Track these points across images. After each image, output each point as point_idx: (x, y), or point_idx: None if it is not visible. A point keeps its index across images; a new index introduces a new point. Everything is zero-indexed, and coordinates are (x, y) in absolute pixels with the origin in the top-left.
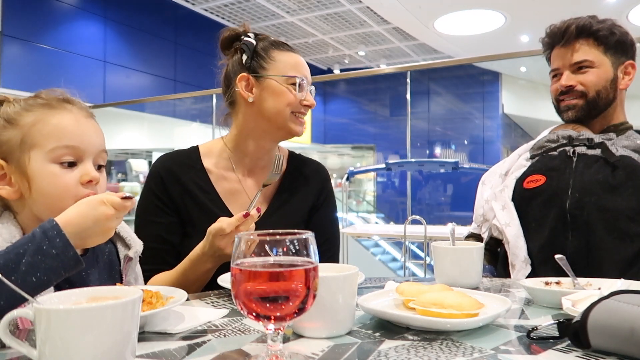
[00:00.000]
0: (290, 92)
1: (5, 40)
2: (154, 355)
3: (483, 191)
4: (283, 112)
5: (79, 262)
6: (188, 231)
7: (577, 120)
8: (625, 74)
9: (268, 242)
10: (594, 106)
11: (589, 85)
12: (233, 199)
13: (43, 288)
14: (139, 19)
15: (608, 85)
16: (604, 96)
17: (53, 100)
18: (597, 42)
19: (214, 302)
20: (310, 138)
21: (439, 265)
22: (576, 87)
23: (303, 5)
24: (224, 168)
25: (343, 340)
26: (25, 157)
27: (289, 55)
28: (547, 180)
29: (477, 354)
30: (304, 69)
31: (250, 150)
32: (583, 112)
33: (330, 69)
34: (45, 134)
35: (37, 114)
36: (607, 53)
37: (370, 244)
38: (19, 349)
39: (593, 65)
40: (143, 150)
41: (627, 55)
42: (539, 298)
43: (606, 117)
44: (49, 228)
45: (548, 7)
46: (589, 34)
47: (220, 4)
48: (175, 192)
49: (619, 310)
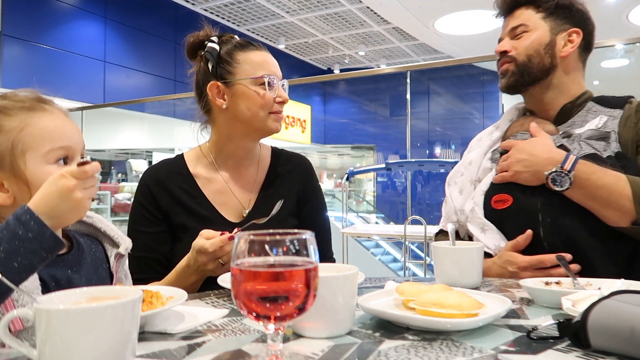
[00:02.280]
0: (264, 94)
1: (5, 40)
2: (154, 355)
3: (451, 193)
4: (257, 114)
5: (58, 242)
6: (179, 236)
7: (511, 87)
8: (568, 41)
9: (268, 242)
10: (526, 71)
11: (520, 48)
12: (221, 200)
13: (27, 273)
14: (139, 19)
15: (542, 50)
16: (537, 61)
17: (29, 102)
18: (537, 8)
19: (214, 302)
20: (310, 138)
21: (439, 265)
22: (510, 53)
23: (303, 5)
24: (210, 172)
25: (343, 340)
26: (20, 162)
27: (254, 54)
28: (514, 202)
29: (477, 354)
30: (272, 65)
31: (232, 152)
32: (515, 77)
33: (330, 69)
34: (37, 137)
35: (20, 118)
36: (547, 19)
37: (370, 244)
38: (19, 349)
39: (528, 30)
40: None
41: (572, 22)
42: (539, 298)
43: (557, 88)
44: (21, 213)
45: None
46: (529, 1)
47: (220, 4)
48: (163, 201)
49: (619, 310)
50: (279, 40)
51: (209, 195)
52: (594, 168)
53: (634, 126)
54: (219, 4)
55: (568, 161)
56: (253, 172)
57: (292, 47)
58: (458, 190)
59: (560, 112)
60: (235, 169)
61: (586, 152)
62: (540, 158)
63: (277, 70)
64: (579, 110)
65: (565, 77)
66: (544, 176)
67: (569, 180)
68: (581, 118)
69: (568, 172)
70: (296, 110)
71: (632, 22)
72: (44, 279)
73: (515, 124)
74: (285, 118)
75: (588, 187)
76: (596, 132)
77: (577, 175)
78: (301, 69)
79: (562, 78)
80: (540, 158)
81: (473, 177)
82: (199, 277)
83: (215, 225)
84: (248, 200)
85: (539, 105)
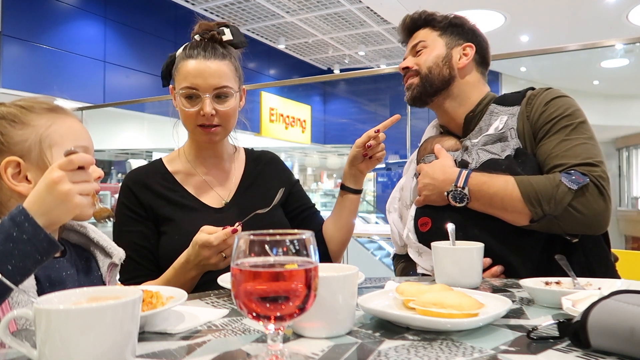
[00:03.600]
0: (182, 109)
1: (5, 40)
2: (154, 355)
3: (393, 220)
4: (187, 126)
5: (53, 244)
6: (164, 229)
7: (416, 99)
8: (463, 54)
9: (268, 242)
10: (428, 82)
11: (421, 63)
12: (202, 191)
13: (22, 276)
14: (139, 19)
15: (440, 62)
16: (437, 72)
17: (51, 105)
18: (433, 28)
19: (214, 302)
20: (310, 138)
21: (439, 265)
22: (412, 68)
23: (303, 5)
24: (187, 169)
25: (343, 340)
26: (48, 154)
27: (185, 64)
28: (433, 223)
29: (477, 354)
30: (194, 75)
31: (199, 150)
32: (418, 89)
33: (330, 69)
34: (63, 134)
35: (47, 117)
36: (443, 35)
37: (370, 244)
38: (19, 349)
39: (426, 46)
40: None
41: (465, 38)
42: (539, 298)
43: (458, 97)
44: (16, 214)
45: (548, 7)
46: (425, 22)
47: (220, 4)
48: (146, 199)
49: (619, 310)
50: (279, 40)
51: (188, 188)
52: (484, 178)
53: (527, 119)
54: (219, 4)
55: (460, 178)
56: (230, 167)
57: (292, 47)
58: (398, 215)
59: (465, 122)
60: (212, 165)
61: (484, 160)
62: (439, 180)
63: (202, 81)
64: (482, 115)
65: (465, 86)
66: (445, 196)
67: (465, 195)
68: (486, 122)
69: (463, 189)
70: (296, 110)
71: (632, 22)
72: (39, 279)
73: (423, 145)
74: (286, 118)
75: (482, 198)
76: (491, 137)
77: (471, 189)
78: (301, 69)
79: (461, 87)
80: (439, 180)
81: (407, 201)
82: (198, 271)
83: (200, 213)
84: (227, 193)
85: (445, 117)
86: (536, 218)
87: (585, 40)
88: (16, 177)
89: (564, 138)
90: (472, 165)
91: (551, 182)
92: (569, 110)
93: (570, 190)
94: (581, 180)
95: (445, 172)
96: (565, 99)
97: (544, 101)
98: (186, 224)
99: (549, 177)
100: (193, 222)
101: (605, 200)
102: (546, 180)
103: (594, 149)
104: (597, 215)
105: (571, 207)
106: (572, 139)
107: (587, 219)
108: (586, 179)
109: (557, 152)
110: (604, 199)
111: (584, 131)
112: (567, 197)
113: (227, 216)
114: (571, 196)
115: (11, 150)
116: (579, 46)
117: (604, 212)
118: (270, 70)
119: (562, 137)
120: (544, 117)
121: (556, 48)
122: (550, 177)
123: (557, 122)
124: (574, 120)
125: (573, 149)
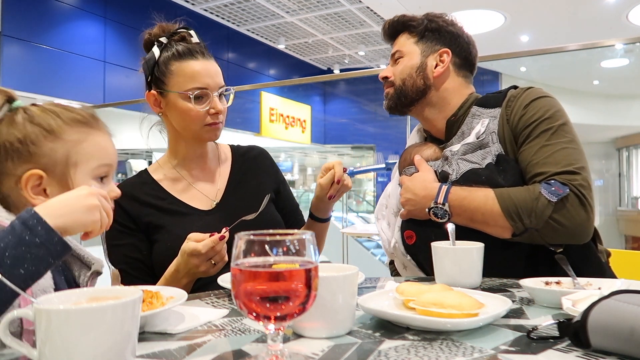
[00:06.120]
0: (192, 109)
1: (5, 40)
2: (154, 355)
3: (382, 227)
4: (189, 127)
5: (66, 247)
6: (155, 237)
7: (392, 108)
8: (440, 61)
9: (268, 242)
10: (403, 93)
11: (396, 74)
12: (190, 195)
13: (33, 279)
14: (139, 19)
15: (414, 73)
16: (410, 83)
17: (88, 118)
18: (410, 34)
19: (214, 302)
20: (310, 138)
21: (439, 265)
22: (390, 78)
23: (303, 5)
24: (172, 175)
25: (343, 340)
26: (71, 171)
27: (188, 65)
28: (417, 237)
29: (477, 354)
30: (205, 76)
31: (184, 155)
32: (393, 100)
33: (330, 69)
34: (90, 152)
35: (80, 132)
36: (419, 42)
37: (370, 244)
38: (19, 349)
39: (403, 55)
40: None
41: (442, 43)
42: (539, 298)
43: (436, 105)
44: (28, 217)
45: (548, 7)
46: (404, 27)
47: (220, 4)
48: (134, 209)
49: (619, 310)
50: (279, 40)
51: (176, 194)
52: (464, 193)
53: (507, 123)
54: (219, 4)
55: (440, 195)
56: (215, 167)
57: (292, 47)
58: (386, 223)
59: (447, 127)
60: (197, 167)
61: (464, 170)
62: (420, 196)
63: (211, 80)
64: (464, 118)
65: (443, 93)
66: (427, 212)
67: (447, 212)
68: (468, 125)
69: (443, 205)
70: (296, 110)
71: (632, 22)
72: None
73: (403, 156)
74: (286, 118)
75: (464, 213)
76: (471, 145)
77: (451, 205)
78: (301, 69)
79: (440, 94)
80: (420, 196)
81: (394, 208)
82: (190, 279)
83: (189, 217)
84: (215, 193)
85: (427, 123)
86: (518, 232)
87: (585, 40)
88: (35, 189)
89: (544, 143)
90: (452, 176)
91: (531, 195)
92: (549, 113)
93: (550, 202)
94: (561, 191)
95: (425, 188)
96: (544, 100)
97: (523, 104)
98: (177, 229)
99: (528, 189)
100: (184, 227)
101: (586, 210)
102: (526, 193)
103: (575, 153)
104: (579, 226)
105: (552, 220)
106: (552, 144)
107: (568, 230)
108: (566, 190)
109: (537, 159)
110: (585, 209)
111: (565, 134)
112: (547, 210)
113: (218, 217)
114: (551, 209)
115: (37, 161)
116: (579, 46)
117: (586, 222)
118: (270, 70)
119: (543, 142)
120: (523, 121)
121: (556, 48)
122: (530, 189)
123: (537, 126)
124: (554, 123)
125: (553, 155)
